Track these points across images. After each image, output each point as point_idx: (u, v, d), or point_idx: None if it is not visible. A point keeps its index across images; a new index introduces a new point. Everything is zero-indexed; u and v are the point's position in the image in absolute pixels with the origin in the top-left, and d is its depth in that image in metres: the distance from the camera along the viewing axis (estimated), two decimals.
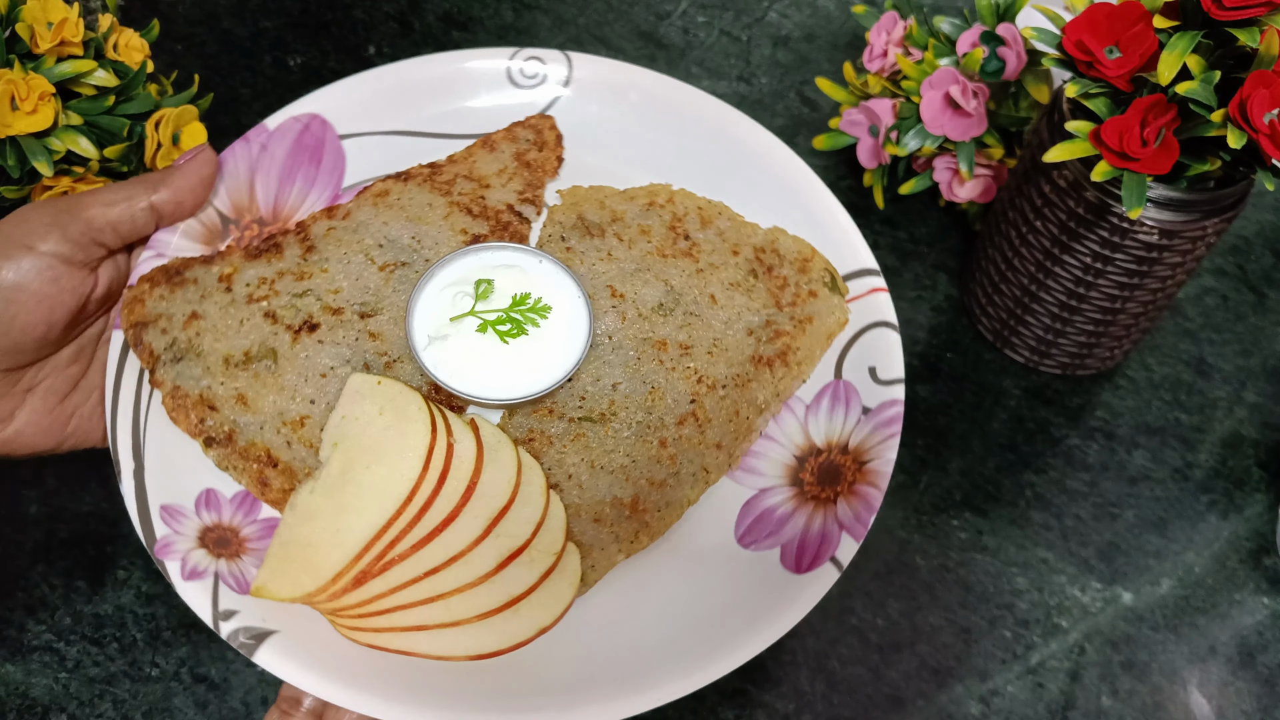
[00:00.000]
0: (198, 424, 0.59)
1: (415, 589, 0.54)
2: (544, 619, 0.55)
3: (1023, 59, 0.80)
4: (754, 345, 0.64)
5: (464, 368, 0.59)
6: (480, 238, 0.66)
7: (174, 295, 0.62)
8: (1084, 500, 0.79)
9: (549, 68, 0.73)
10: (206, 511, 0.58)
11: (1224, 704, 0.72)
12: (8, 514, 0.72)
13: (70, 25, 0.74)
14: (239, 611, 0.56)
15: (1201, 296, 0.91)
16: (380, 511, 0.54)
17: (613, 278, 0.66)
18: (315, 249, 0.64)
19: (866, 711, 0.70)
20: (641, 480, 0.60)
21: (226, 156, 0.67)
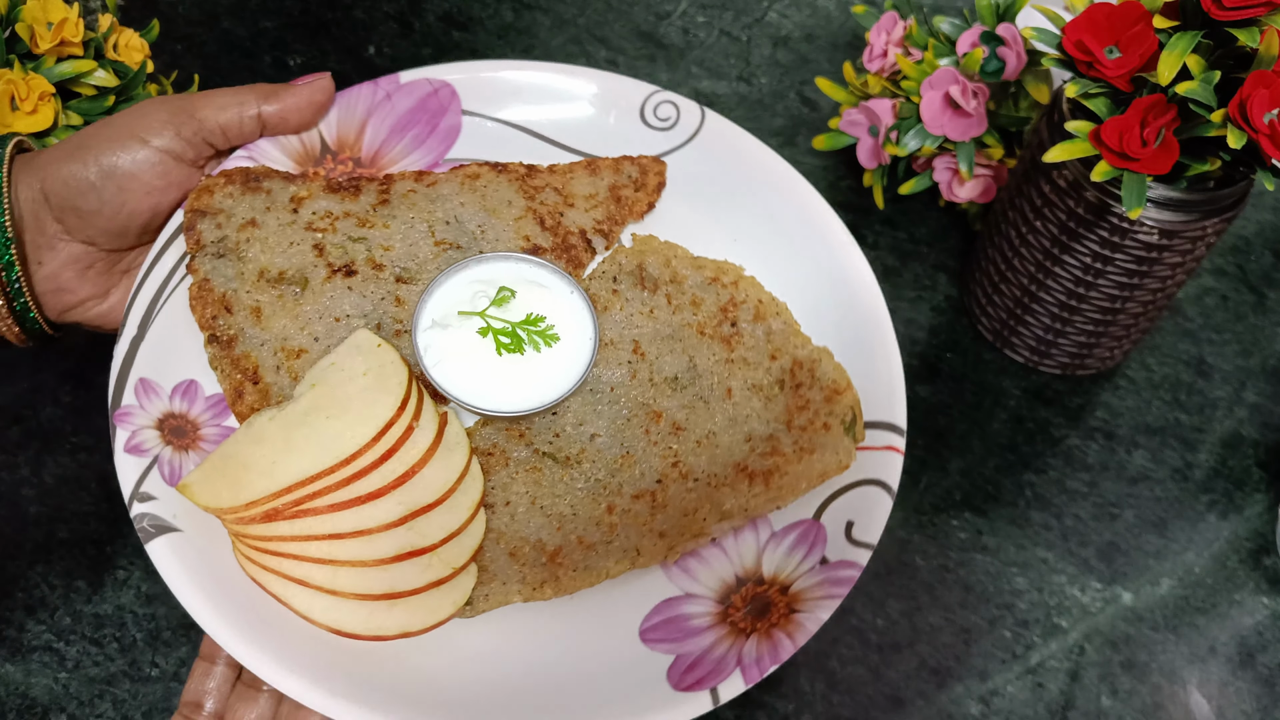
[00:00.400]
0: (210, 319, 0.60)
1: (313, 546, 0.54)
2: (413, 624, 0.55)
3: (1023, 59, 0.81)
4: (745, 453, 0.61)
5: (452, 362, 0.59)
6: (539, 249, 0.65)
7: (243, 198, 0.63)
8: (1084, 500, 0.79)
9: (683, 117, 0.71)
10: (180, 399, 0.60)
11: (1224, 704, 0.72)
12: (8, 514, 0.72)
13: (70, 25, 0.74)
14: (157, 499, 0.57)
15: (1201, 296, 0.91)
16: (317, 462, 0.54)
17: (643, 335, 0.64)
18: (389, 204, 0.65)
19: (866, 711, 0.70)
20: (572, 535, 0.58)
21: (352, 91, 0.68)
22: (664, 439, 0.60)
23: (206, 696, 0.57)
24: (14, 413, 0.76)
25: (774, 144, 0.96)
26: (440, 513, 0.56)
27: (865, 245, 0.90)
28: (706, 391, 0.62)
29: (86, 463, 0.74)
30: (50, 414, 0.76)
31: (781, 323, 0.65)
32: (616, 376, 0.62)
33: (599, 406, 0.61)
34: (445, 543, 0.55)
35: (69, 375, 0.78)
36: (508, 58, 1.00)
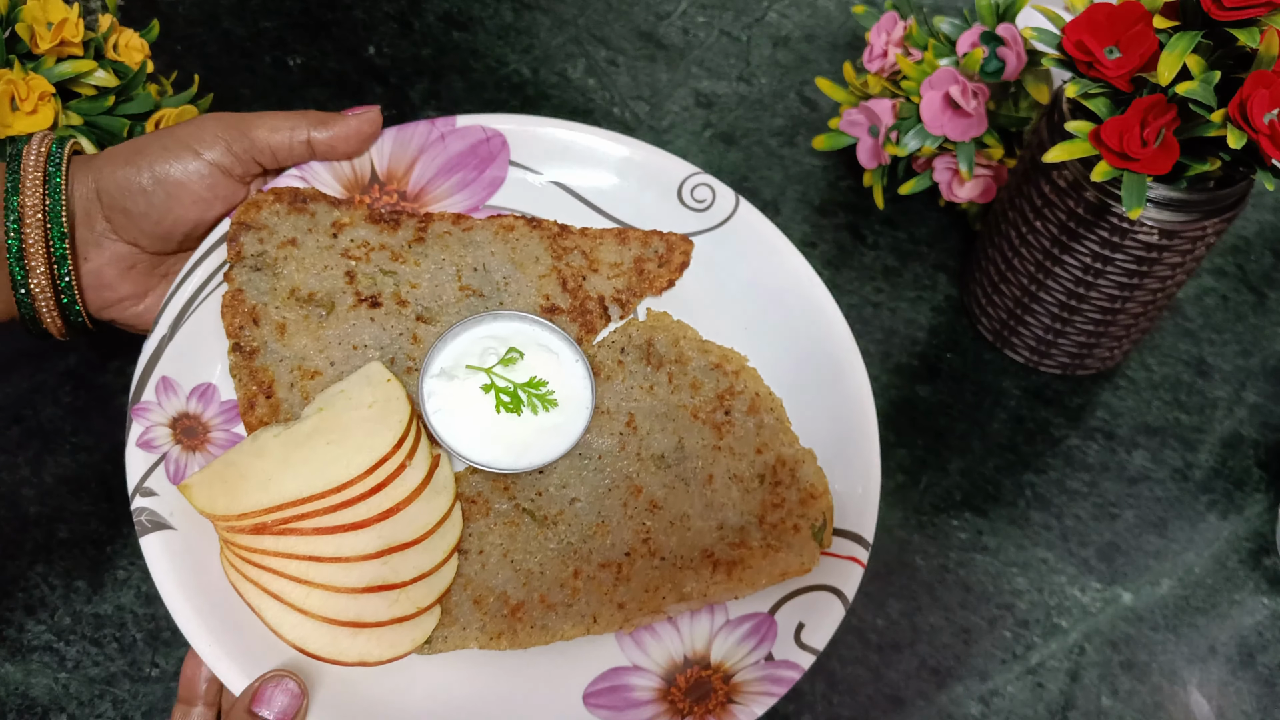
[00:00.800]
0: (237, 328, 0.63)
1: (293, 564, 0.56)
2: (371, 654, 0.56)
3: (1022, 59, 0.81)
4: (715, 540, 0.62)
5: (451, 412, 0.62)
6: (556, 309, 0.67)
7: (287, 216, 0.66)
8: (1084, 500, 0.79)
9: (717, 201, 0.72)
10: (196, 401, 0.62)
11: (1224, 704, 0.72)
12: (8, 514, 0.72)
13: (70, 25, 0.74)
14: (158, 495, 0.59)
15: (1201, 297, 0.91)
16: (310, 484, 0.56)
17: (639, 409, 0.65)
18: (424, 242, 0.67)
19: (866, 712, 0.70)
20: (536, 592, 0.60)
21: (408, 127, 0.70)
22: (640, 514, 0.62)
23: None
24: (14, 413, 0.76)
25: (774, 144, 0.96)
26: (416, 552, 0.57)
27: (865, 245, 0.90)
28: (689, 474, 0.64)
29: (86, 463, 0.74)
30: (50, 414, 0.76)
31: (774, 418, 0.66)
32: (606, 445, 0.64)
33: (585, 473, 0.63)
34: (415, 581, 0.57)
35: (69, 375, 0.78)
36: (508, 59, 1.00)
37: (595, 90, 0.98)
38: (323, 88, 0.96)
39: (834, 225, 0.92)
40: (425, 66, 0.98)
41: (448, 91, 0.97)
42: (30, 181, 0.61)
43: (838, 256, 0.90)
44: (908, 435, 0.81)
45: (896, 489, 0.78)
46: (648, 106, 0.98)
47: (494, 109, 0.96)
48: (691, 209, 0.72)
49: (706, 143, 0.96)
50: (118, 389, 0.77)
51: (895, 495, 0.78)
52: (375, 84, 0.97)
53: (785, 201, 0.93)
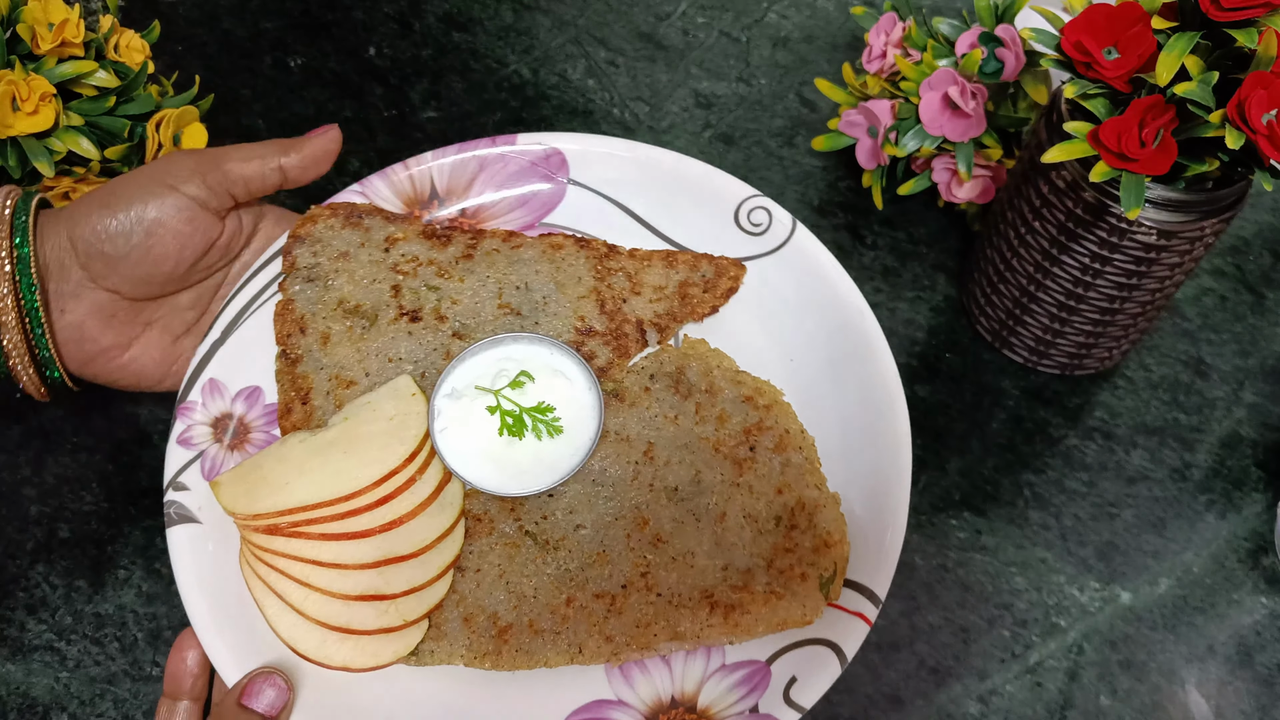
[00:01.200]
0: (285, 335, 0.65)
1: (296, 566, 0.58)
2: (355, 661, 0.58)
3: (1021, 60, 0.81)
4: (717, 581, 0.60)
5: (456, 431, 0.62)
6: (592, 331, 0.66)
7: (342, 231, 0.68)
8: (1082, 500, 0.79)
9: (773, 226, 0.70)
10: (242, 402, 0.65)
11: (1222, 703, 0.72)
12: (9, 514, 0.72)
13: (71, 26, 0.74)
14: (189, 490, 0.62)
15: (1200, 297, 0.91)
16: (322, 492, 0.58)
17: (660, 439, 0.64)
18: (472, 259, 0.68)
19: (866, 711, 0.70)
20: (525, 617, 0.59)
21: (470, 144, 0.71)
22: (642, 548, 0.61)
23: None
24: (15, 413, 0.76)
25: (773, 145, 0.96)
26: (410, 566, 0.59)
27: (865, 246, 0.90)
28: (701, 510, 0.62)
29: (88, 463, 0.74)
30: (51, 414, 0.76)
31: (802, 457, 0.64)
32: (620, 474, 0.63)
33: (595, 500, 0.62)
34: (406, 595, 0.59)
35: None
36: (508, 59, 1.00)
37: (595, 91, 0.98)
38: (323, 88, 0.96)
39: (833, 226, 0.92)
40: (425, 67, 0.98)
41: (448, 92, 0.97)
42: None
43: (837, 256, 0.90)
44: None
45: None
46: (647, 107, 0.98)
47: (494, 109, 0.96)
48: (747, 232, 0.70)
49: (706, 143, 0.96)
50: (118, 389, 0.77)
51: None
52: (375, 84, 0.97)
53: (785, 202, 0.93)
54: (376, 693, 0.59)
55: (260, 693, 0.57)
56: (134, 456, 0.74)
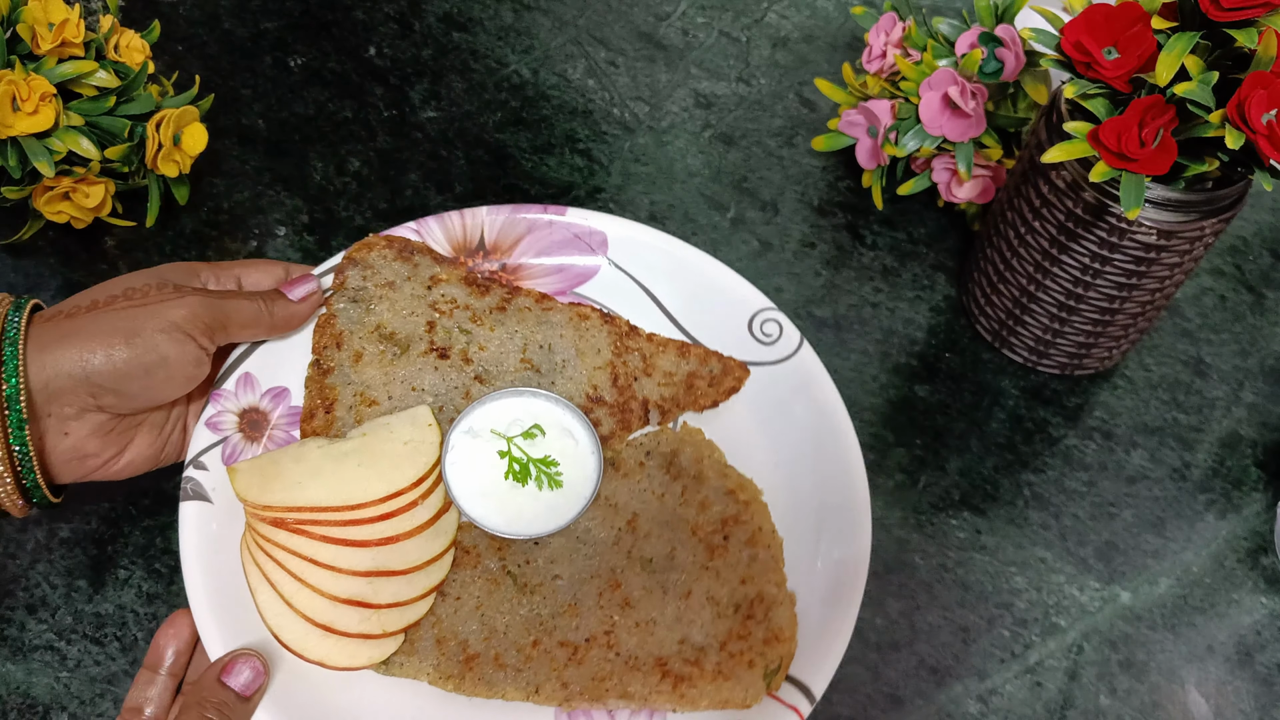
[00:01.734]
0: (321, 348, 0.70)
1: (294, 560, 0.62)
2: (331, 658, 0.61)
3: (1021, 60, 0.81)
4: (673, 652, 0.64)
5: (466, 467, 0.67)
6: (601, 401, 0.72)
7: (393, 262, 0.73)
8: (1082, 500, 0.79)
9: (781, 340, 0.74)
10: (269, 400, 0.70)
11: (1222, 703, 0.72)
12: None
13: (71, 26, 0.74)
14: (208, 471, 0.66)
15: (1199, 297, 0.91)
16: (330, 497, 0.63)
17: (644, 512, 0.69)
18: (505, 311, 0.73)
19: (865, 710, 0.70)
20: (493, 650, 0.64)
21: (524, 208, 0.76)
22: (611, 607, 0.65)
23: (147, 704, 0.62)
24: None
25: (773, 145, 0.97)
26: (398, 582, 0.63)
27: (864, 245, 0.91)
28: (670, 584, 0.66)
29: None
30: None
31: (769, 555, 0.68)
32: (603, 536, 0.67)
33: (575, 556, 0.67)
34: (390, 607, 0.62)
35: None
36: (508, 59, 1.00)
37: (595, 91, 0.99)
38: (323, 88, 0.96)
39: (833, 225, 0.92)
40: (425, 67, 0.98)
41: (448, 92, 0.97)
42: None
43: (837, 257, 0.90)
44: (906, 435, 0.81)
45: (895, 488, 0.78)
46: (647, 107, 0.98)
47: (494, 109, 0.96)
48: (758, 340, 0.75)
49: (706, 143, 0.96)
50: None
51: (894, 495, 0.78)
52: (375, 84, 0.97)
53: (784, 202, 0.93)
54: (343, 692, 0.63)
55: (238, 672, 0.60)
56: None
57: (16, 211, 0.81)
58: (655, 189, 0.92)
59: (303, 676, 0.62)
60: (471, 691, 0.63)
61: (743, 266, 0.88)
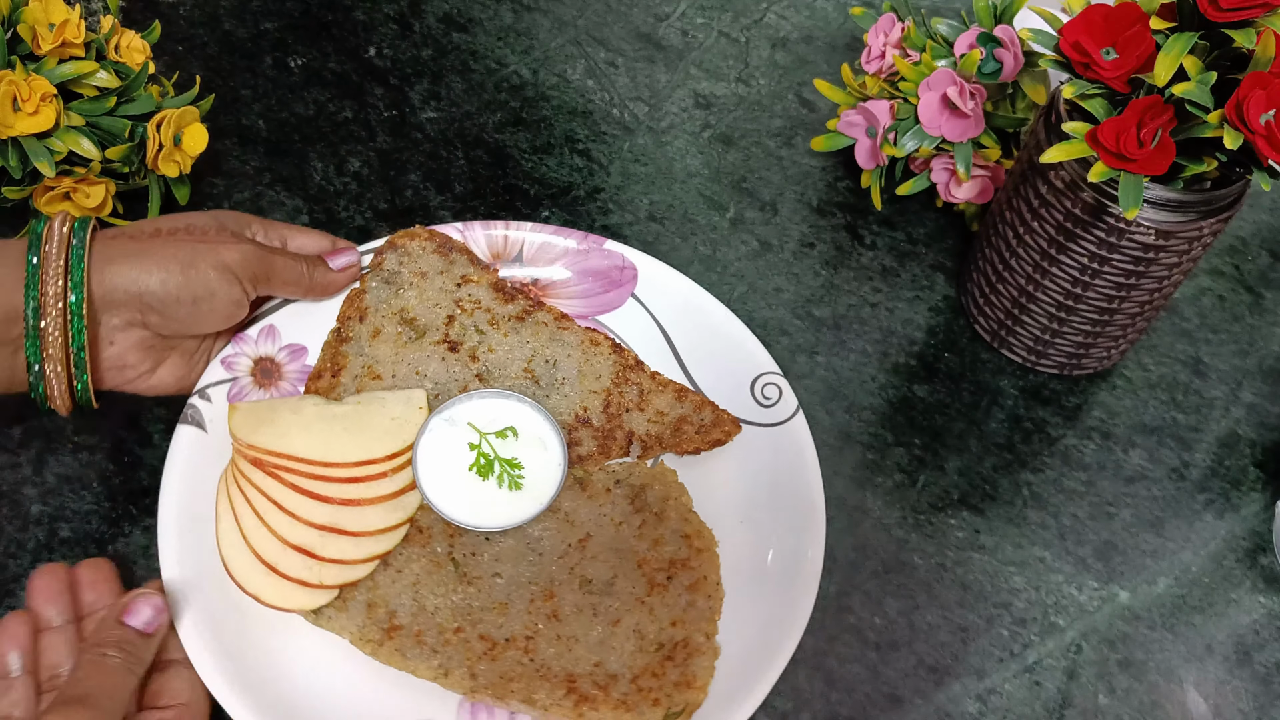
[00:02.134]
0: (345, 317, 0.76)
1: (260, 500, 0.66)
2: (265, 595, 0.65)
3: (1020, 60, 0.81)
4: (585, 673, 0.64)
5: (435, 451, 0.70)
6: (587, 423, 0.74)
7: (430, 255, 0.78)
8: (1081, 499, 0.79)
9: (778, 405, 0.75)
10: (285, 353, 0.75)
11: (1221, 702, 0.72)
12: (10, 513, 0.72)
13: (71, 27, 0.74)
14: (211, 403, 0.72)
15: (1198, 297, 0.91)
16: (311, 451, 0.67)
17: (598, 535, 0.70)
18: (522, 322, 0.77)
19: (864, 710, 0.70)
20: (416, 625, 0.65)
21: (565, 231, 0.80)
22: (539, 615, 0.67)
23: (13, 708, 0.61)
24: (16, 412, 0.76)
25: (772, 145, 0.97)
26: (347, 542, 0.66)
27: (863, 246, 0.91)
28: (602, 608, 0.67)
29: (89, 462, 0.74)
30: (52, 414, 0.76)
31: (708, 605, 0.68)
32: (552, 547, 0.69)
33: (521, 559, 0.69)
34: (333, 563, 0.65)
35: None
36: (508, 60, 1.00)
37: (595, 91, 0.99)
38: (323, 88, 0.96)
39: (832, 226, 0.92)
40: (425, 68, 0.99)
41: (448, 92, 0.97)
42: (53, 271, 0.64)
43: (836, 257, 0.90)
44: (905, 434, 0.81)
45: (894, 488, 0.79)
46: (647, 107, 0.98)
47: (494, 110, 0.96)
48: (756, 400, 0.76)
49: (705, 143, 0.96)
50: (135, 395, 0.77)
51: (893, 494, 0.78)
52: (375, 85, 0.97)
53: (784, 202, 0.93)
54: (272, 635, 0.65)
55: (138, 611, 0.61)
56: (135, 456, 0.75)
57: (17, 211, 0.81)
58: (654, 189, 0.93)
59: (239, 609, 0.65)
60: (386, 659, 0.64)
61: (742, 266, 0.88)
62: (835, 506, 0.77)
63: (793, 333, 0.85)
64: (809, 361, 0.84)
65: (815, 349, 0.85)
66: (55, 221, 0.66)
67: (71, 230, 0.66)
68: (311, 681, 0.64)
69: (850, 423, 0.81)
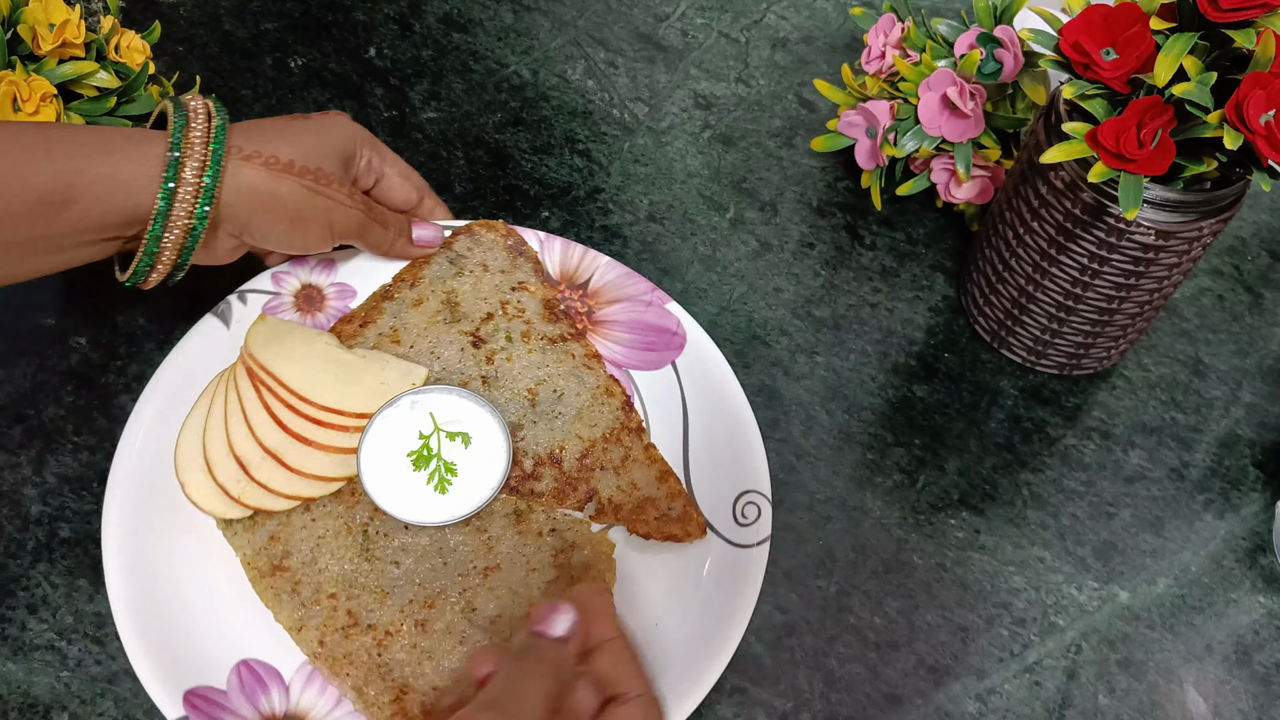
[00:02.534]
0: (399, 280, 0.78)
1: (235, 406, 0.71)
2: (190, 488, 0.69)
3: (1020, 61, 0.81)
4: (420, 688, 0.65)
5: (389, 429, 0.71)
6: (557, 463, 0.72)
7: (499, 251, 0.80)
8: (1081, 499, 0.79)
9: (752, 527, 0.71)
10: (335, 290, 0.79)
11: (1220, 702, 0.72)
12: (10, 513, 0.72)
13: (72, 27, 0.74)
14: (245, 307, 0.76)
15: (1198, 297, 0.91)
16: (298, 383, 0.70)
17: (508, 571, 0.69)
18: (553, 345, 0.77)
19: (864, 710, 0.70)
20: (300, 575, 0.67)
21: (635, 276, 0.80)
22: (408, 618, 0.67)
23: None
24: (16, 412, 0.76)
25: (772, 145, 0.97)
26: (281, 474, 0.69)
27: (863, 246, 0.91)
28: (470, 639, 0.67)
29: (89, 462, 0.74)
30: (53, 414, 0.76)
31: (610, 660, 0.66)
32: (458, 562, 0.69)
33: (424, 560, 0.69)
34: (259, 487, 0.69)
35: (71, 375, 0.78)
36: (508, 60, 1.00)
37: (595, 92, 0.99)
38: (323, 89, 0.96)
39: (832, 226, 0.92)
40: (425, 68, 0.99)
41: (448, 93, 0.97)
42: (197, 157, 0.66)
43: (835, 257, 0.90)
44: (905, 435, 0.81)
45: (894, 488, 0.79)
46: (647, 108, 0.98)
47: (494, 110, 0.96)
48: (733, 515, 0.72)
49: (705, 144, 0.96)
50: (119, 389, 0.77)
51: (893, 494, 0.78)
52: (376, 85, 0.97)
53: (784, 202, 0.93)
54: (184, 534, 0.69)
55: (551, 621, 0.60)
56: None
57: None
58: (654, 189, 0.93)
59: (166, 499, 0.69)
60: (260, 592, 0.67)
61: (742, 267, 0.88)
62: (835, 506, 0.77)
63: (793, 333, 0.85)
64: (809, 361, 0.84)
65: (815, 349, 0.85)
66: (196, 106, 0.68)
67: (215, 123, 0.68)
68: (193, 585, 0.67)
69: (850, 423, 0.81)
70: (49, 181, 0.62)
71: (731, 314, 0.85)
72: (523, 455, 0.72)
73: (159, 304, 0.81)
